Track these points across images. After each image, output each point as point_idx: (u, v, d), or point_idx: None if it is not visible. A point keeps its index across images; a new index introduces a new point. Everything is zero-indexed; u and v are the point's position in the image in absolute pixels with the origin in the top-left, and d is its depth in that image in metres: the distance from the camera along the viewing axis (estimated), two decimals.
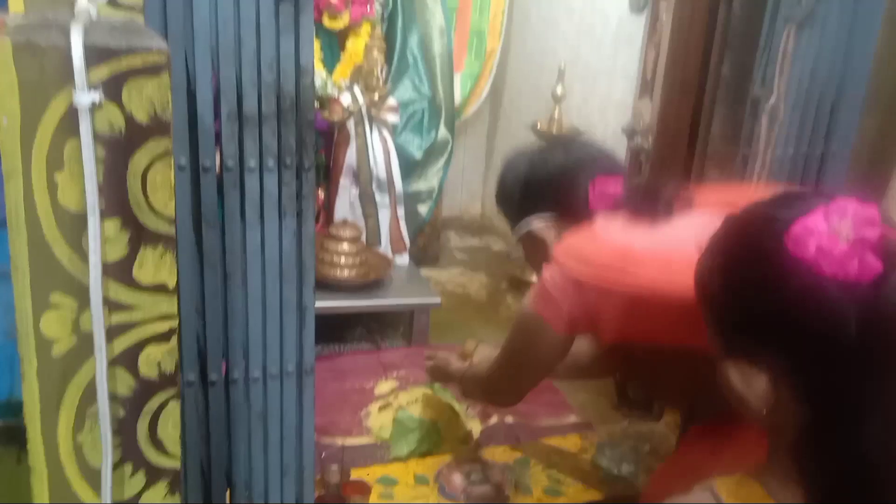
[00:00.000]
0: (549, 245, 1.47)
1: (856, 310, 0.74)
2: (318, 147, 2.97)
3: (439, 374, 1.88)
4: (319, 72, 2.99)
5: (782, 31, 1.70)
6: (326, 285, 2.66)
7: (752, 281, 0.81)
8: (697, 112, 2.19)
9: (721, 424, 1.31)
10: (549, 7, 3.51)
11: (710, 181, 2.01)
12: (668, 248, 1.27)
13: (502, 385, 1.57)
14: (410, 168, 3.22)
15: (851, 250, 0.75)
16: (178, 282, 1.02)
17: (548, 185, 1.52)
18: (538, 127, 3.17)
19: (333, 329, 2.74)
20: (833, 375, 0.77)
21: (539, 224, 1.53)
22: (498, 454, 2.07)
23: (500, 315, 3.20)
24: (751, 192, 1.53)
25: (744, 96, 1.89)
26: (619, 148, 2.71)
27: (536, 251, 1.55)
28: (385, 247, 3.02)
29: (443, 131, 3.31)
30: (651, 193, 1.42)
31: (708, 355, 0.90)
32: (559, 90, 3.15)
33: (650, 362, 1.50)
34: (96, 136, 0.86)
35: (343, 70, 3.07)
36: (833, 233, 0.76)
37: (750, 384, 0.82)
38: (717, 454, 1.31)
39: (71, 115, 0.85)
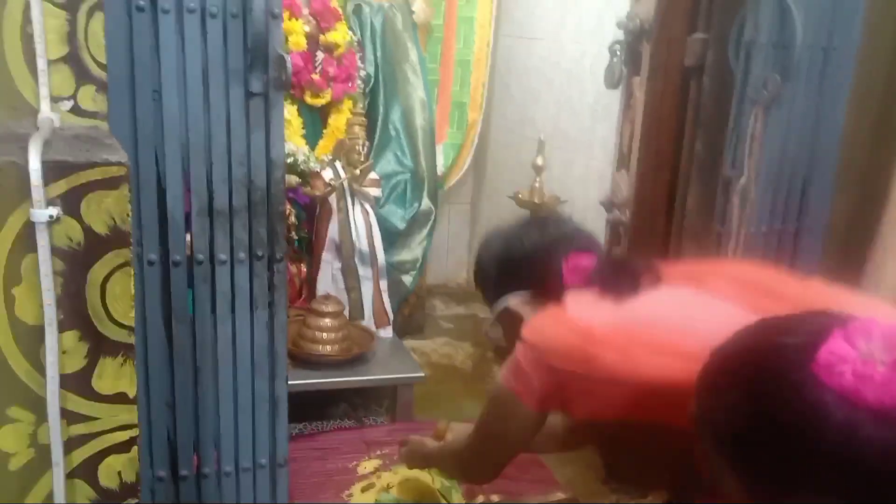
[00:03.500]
0: (525, 322, 1.46)
1: None
2: (300, 221, 2.98)
3: (415, 459, 1.86)
4: (302, 147, 3.01)
5: (750, 113, 1.73)
6: (308, 361, 2.64)
7: (783, 417, 0.76)
8: (673, 186, 2.21)
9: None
10: (528, 80, 3.57)
11: (688, 256, 2.02)
12: (633, 325, 1.28)
13: (477, 461, 1.57)
14: (394, 239, 3.23)
15: (891, 373, 0.72)
16: (143, 381, 1.01)
17: (523, 262, 1.51)
18: (520, 196, 3.19)
19: (315, 406, 2.71)
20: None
21: (516, 301, 1.52)
22: None
23: (486, 387, 3.17)
24: (720, 266, 1.53)
25: (716, 173, 1.91)
26: (598, 220, 2.73)
27: (513, 328, 1.54)
28: (368, 320, 3.01)
29: (426, 202, 3.33)
30: (617, 269, 1.44)
31: (686, 432, 0.89)
32: (539, 161, 3.18)
33: (627, 438, 1.48)
34: (54, 250, 0.86)
35: (325, 145, 3.09)
36: (866, 357, 0.73)
37: None
38: None
39: (28, 230, 0.85)
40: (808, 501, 0.76)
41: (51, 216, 0.84)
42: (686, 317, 1.31)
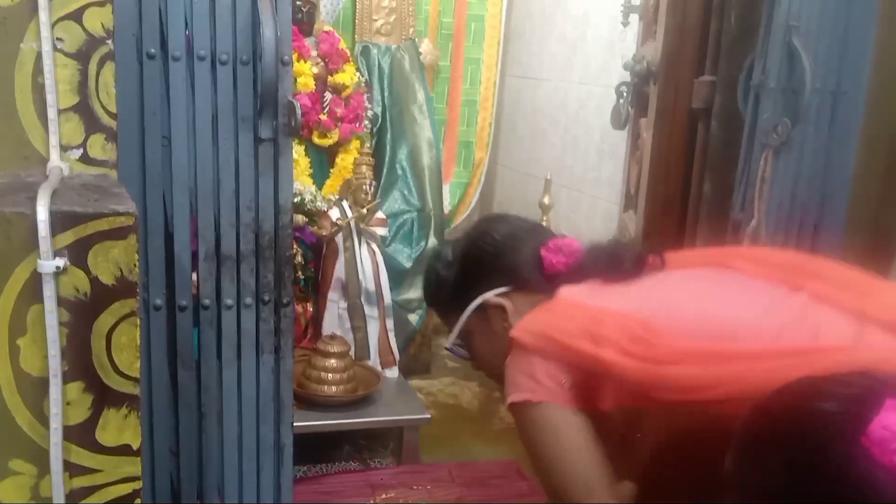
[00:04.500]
0: (510, 314, 1.37)
1: None
2: (306, 261, 2.98)
3: None
4: (309, 187, 3.02)
5: (760, 157, 1.73)
6: (313, 402, 2.62)
7: (827, 489, 0.74)
8: (681, 228, 2.21)
9: None
10: (534, 119, 3.59)
11: None
12: (647, 305, 1.22)
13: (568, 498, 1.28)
14: (401, 278, 3.22)
15: None
16: (147, 426, 1.00)
17: (498, 255, 1.41)
18: None
19: (319, 448, 2.68)
20: None
21: (493, 295, 1.39)
22: None
23: (493, 427, 3.14)
24: (744, 251, 1.46)
25: (725, 216, 1.91)
26: None
27: (490, 326, 1.40)
28: (374, 360, 2.99)
29: (432, 240, 3.32)
30: (614, 252, 1.37)
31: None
32: (546, 200, 3.18)
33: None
34: (60, 300, 0.86)
35: (332, 185, 3.10)
36: None
37: None
38: None
39: (34, 281, 0.85)
40: None
41: (58, 267, 0.84)
42: (719, 295, 1.23)
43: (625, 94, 2.43)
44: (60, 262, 0.84)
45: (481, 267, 1.41)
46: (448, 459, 2.72)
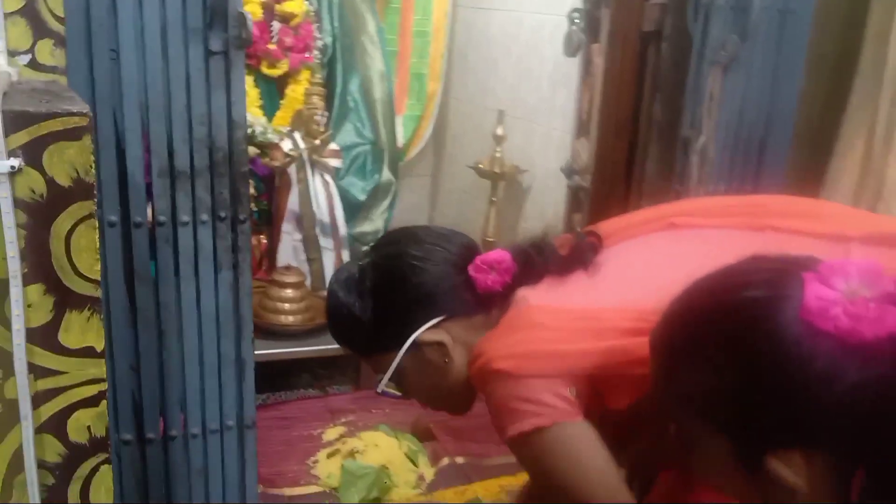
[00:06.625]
0: (449, 347, 1.23)
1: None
2: (259, 193, 2.96)
3: None
4: (259, 119, 2.98)
5: (708, 75, 1.76)
6: (271, 332, 2.63)
7: (771, 371, 0.75)
8: (633, 151, 2.24)
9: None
10: (487, 50, 3.57)
11: None
12: (628, 290, 1.14)
13: None
14: (355, 210, 3.22)
15: (882, 306, 0.72)
16: (107, 343, 1.00)
17: (418, 286, 1.24)
18: (480, 167, 3.20)
19: (279, 376, 2.71)
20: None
21: (429, 332, 1.23)
22: (449, 496, 2.06)
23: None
24: (678, 208, 1.35)
25: (675, 135, 1.94)
26: (558, 187, 2.75)
27: (427, 363, 1.26)
28: None
29: (386, 174, 3.32)
30: (549, 247, 1.25)
31: None
32: (500, 131, 3.18)
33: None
34: (17, 202, 0.85)
35: (283, 116, 3.07)
36: (851, 296, 0.73)
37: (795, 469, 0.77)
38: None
39: None
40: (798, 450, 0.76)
41: (12, 167, 0.83)
42: (692, 256, 1.06)
43: (576, 20, 2.43)
44: (15, 161, 0.83)
45: (403, 300, 1.24)
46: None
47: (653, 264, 1.19)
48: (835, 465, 0.76)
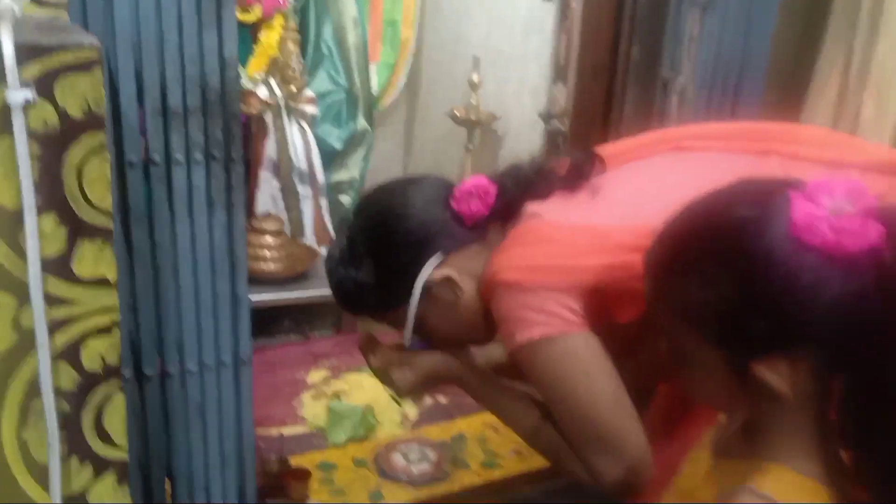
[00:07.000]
0: (458, 280, 1.27)
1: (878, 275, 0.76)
2: None
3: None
4: None
5: (687, 16, 1.79)
6: (252, 279, 2.63)
7: (764, 286, 0.80)
8: (611, 94, 2.28)
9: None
10: None
11: None
12: (636, 211, 1.15)
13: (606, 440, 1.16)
14: (331, 159, 3.22)
15: (864, 219, 0.76)
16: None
17: (408, 233, 1.28)
18: (456, 114, 3.21)
19: (261, 323, 2.73)
20: (869, 346, 0.78)
21: (432, 272, 1.28)
22: (434, 433, 2.12)
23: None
24: (678, 133, 1.37)
25: (654, 76, 1.98)
26: (534, 133, 2.79)
27: (442, 303, 1.30)
28: (310, 238, 3.02)
29: (361, 122, 3.32)
30: (546, 167, 1.30)
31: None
32: (475, 77, 3.19)
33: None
34: (30, 134, 0.86)
35: (257, 63, 3.04)
36: (836, 211, 0.77)
37: (782, 376, 0.82)
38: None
39: (3, 114, 0.85)
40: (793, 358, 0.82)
41: (27, 99, 0.84)
42: (698, 177, 1.04)
43: None
44: (28, 93, 0.84)
45: (400, 251, 1.28)
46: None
47: (660, 184, 1.20)
48: (817, 373, 0.82)
